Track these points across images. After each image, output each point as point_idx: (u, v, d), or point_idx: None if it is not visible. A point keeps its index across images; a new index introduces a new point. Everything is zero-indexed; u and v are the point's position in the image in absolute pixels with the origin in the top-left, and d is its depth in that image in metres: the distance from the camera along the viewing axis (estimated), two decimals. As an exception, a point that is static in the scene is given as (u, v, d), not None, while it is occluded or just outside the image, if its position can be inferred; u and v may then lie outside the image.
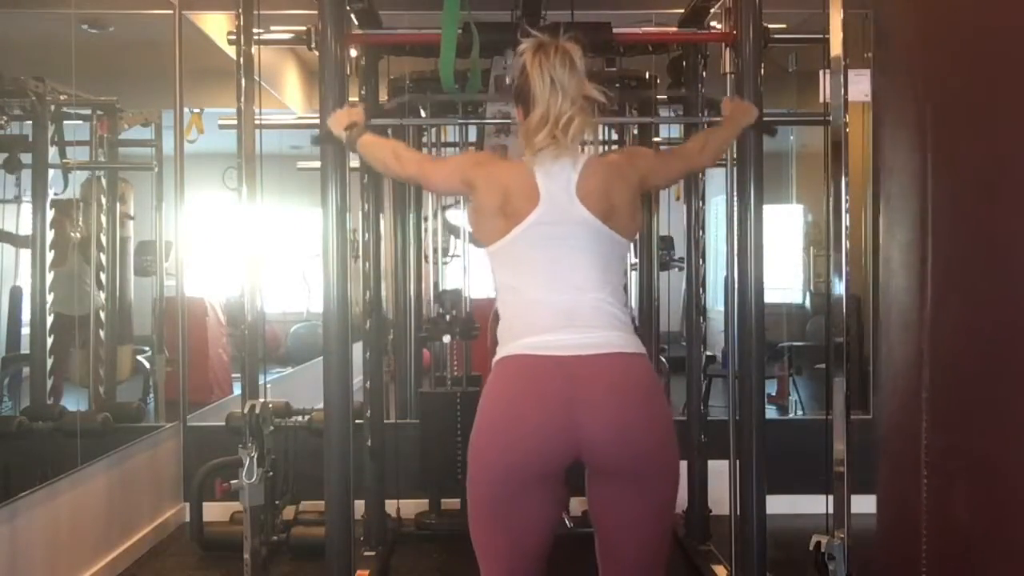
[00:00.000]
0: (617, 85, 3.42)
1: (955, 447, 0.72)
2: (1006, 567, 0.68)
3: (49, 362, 3.15)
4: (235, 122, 2.48)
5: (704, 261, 3.33)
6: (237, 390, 4.13)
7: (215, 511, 3.29)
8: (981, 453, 0.69)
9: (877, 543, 1.03)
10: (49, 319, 3.16)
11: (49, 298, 3.14)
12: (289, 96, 5.19)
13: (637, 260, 3.78)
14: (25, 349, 3.17)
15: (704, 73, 3.21)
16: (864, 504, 1.59)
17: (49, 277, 3.14)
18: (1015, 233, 0.67)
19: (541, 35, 1.64)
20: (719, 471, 2.90)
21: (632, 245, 3.02)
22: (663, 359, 4.01)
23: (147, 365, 3.91)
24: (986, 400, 0.69)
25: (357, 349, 2.79)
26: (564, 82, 1.59)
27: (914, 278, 0.76)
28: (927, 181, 0.75)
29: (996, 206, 0.69)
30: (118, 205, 3.70)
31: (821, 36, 2.06)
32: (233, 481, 2.38)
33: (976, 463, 0.70)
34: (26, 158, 3.04)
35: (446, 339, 3.43)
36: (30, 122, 3.09)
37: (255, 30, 2.48)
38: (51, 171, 3.14)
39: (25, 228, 3.07)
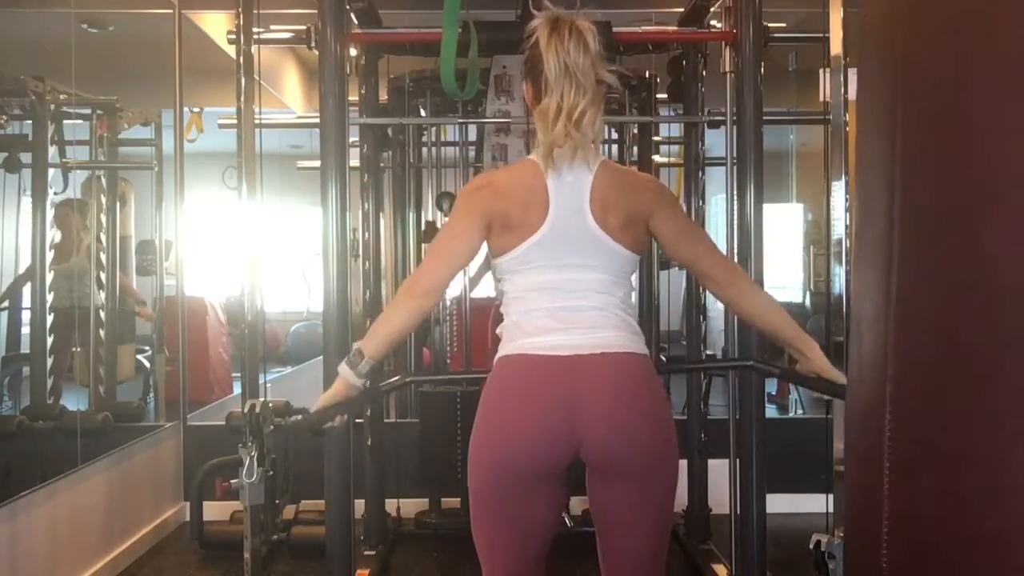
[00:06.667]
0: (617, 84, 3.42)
1: (918, 439, 0.72)
2: (966, 554, 0.68)
3: (49, 361, 3.15)
4: (235, 121, 2.48)
5: (704, 260, 3.32)
6: (237, 389, 4.13)
7: (215, 510, 3.28)
8: (943, 445, 0.70)
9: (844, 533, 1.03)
10: (49, 318, 3.16)
11: (49, 297, 3.15)
12: (289, 95, 5.19)
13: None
14: (25, 348, 3.18)
15: (704, 72, 3.21)
16: (864, 503, 1.59)
17: (49, 276, 3.15)
18: (978, 226, 0.67)
19: (555, 8, 1.59)
20: (719, 470, 2.90)
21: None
22: (663, 358, 4.01)
23: (147, 364, 3.92)
24: (949, 393, 0.70)
25: (357, 348, 2.78)
26: (579, 68, 1.56)
27: (881, 272, 0.76)
28: (895, 173, 0.75)
29: (961, 198, 0.69)
30: (118, 218, 3.70)
31: (821, 35, 2.06)
32: (233, 480, 2.37)
33: (938, 454, 0.71)
34: (26, 158, 3.05)
35: None
36: (30, 121, 3.09)
37: (255, 29, 2.49)
38: (51, 170, 3.14)
39: (25, 228, 3.08)
